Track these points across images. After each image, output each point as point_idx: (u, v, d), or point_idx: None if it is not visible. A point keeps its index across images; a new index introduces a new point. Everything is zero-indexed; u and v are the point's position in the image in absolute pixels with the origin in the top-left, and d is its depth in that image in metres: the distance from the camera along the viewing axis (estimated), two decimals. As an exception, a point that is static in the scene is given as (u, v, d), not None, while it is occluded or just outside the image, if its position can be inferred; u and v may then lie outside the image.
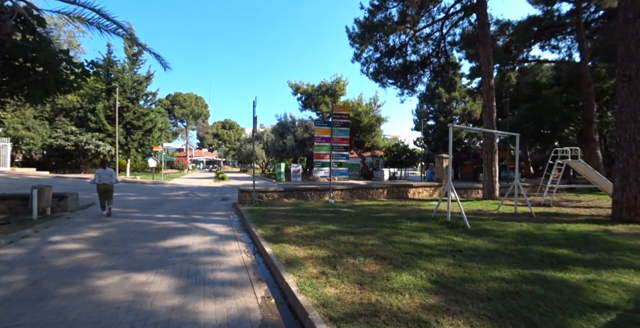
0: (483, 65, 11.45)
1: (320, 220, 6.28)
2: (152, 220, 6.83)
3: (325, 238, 4.78)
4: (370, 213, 7.35)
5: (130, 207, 8.96)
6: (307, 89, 25.79)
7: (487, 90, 11.34)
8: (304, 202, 9.28)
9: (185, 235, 5.52)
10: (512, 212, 7.91)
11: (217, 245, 4.86)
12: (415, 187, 12.01)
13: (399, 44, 15.06)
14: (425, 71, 17.26)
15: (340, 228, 5.54)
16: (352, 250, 4.14)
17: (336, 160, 9.65)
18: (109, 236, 5.37)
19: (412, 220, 6.45)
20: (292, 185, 10.26)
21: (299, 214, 7.03)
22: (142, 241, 5.04)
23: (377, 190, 11.13)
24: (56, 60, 6.94)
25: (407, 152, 30.51)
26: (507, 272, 3.37)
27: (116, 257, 4.17)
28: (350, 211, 7.75)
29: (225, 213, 8.08)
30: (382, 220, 6.40)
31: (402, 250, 4.14)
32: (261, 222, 6.13)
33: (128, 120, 23.00)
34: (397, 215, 7.13)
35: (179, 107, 58.70)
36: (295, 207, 8.16)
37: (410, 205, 9.08)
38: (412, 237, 4.88)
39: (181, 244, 4.88)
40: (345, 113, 9.69)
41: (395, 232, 5.25)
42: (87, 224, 6.35)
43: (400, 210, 8.12)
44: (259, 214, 7.08)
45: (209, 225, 6.39)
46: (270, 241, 4.71)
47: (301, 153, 25.08)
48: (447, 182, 12.97)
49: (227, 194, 13.23)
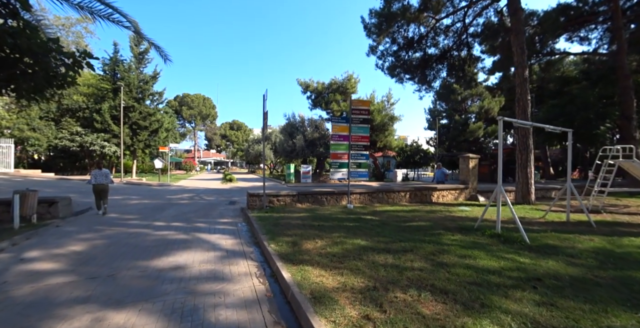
0: (516, 55, 10.33)
1: (344, 232, 5.32)
2: (150, 230, 5.98)
3: (357, 258, 3.82)
4: (398, 222, 6.36)
5: (129, 212, 8.16)
6: (317, 86, 24.88)
7: (520, 83, 10.21)
8: (320, 208, 8.34)
9: (184, 249, 4.63)
10: (563, 220, 6.81)
11: (221, 265, 3.95)
12: (439, 190, 10.94)
13: (418, 35, 14.02)
14: (444, 65, 16.15)
15: (371, 243, 4.57)
16: (396, 278, 3.17)
17: (355, 161, 8.68)
18: (96, 251, 4.51)
19: (453, 232, 5.43)
20: (305, 188, 9.33)
21: (317, 223, 6.08)
22: (132, 258, 4.16)
23: (399, 194, 10.10)
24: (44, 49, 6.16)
25: (420, 152, 29.29)
26: (628, 319, 2.36)
27: (95, 284, 3.29)
28: (375, 219, 6.76)
29: (232, 220, 7.19)
30: (417, 232, 5.41)
31: (462, 278, 3.15)
32: (274, 233, 5.21)
33: (134, 120, 22.44)
34: (432, 225, 6.12)
35: (187, 108, 58.55)
36: (311, 214, 7.22)
37: (439, 211, 8.05)
38: (465, 257, 3.88)
39: (178, 263, 3.98)
40: (365, 108, 8.72)
41: (440, 248, 4.26)
42: (76, 234, 5.52)
43: (432, 217, 7.09)
44: (271, 223, 6.16)
45: (213, 237, 5.49)
46: (288, 261, 3.77)
47: (311, 153, 24.15)
48: (473, 184, 11.93)
49: (234, 197, 12.39)
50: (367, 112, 8.73)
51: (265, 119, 7.51)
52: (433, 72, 16.45)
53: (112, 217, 7.43)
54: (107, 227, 6.22)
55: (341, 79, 24.54)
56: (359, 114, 8.67)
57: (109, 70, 22.71)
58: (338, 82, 24.46)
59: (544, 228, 5.84)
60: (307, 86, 25.20)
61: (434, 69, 16.38)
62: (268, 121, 7.79)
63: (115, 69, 22.41)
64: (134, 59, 23.30)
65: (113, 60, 22.75)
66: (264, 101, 7.50)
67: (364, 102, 8.79)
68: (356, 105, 8.67)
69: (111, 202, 10.11)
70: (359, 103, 8.73)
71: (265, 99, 7.49)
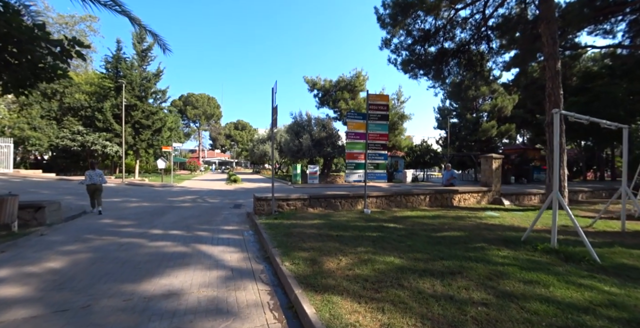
0: (546, 46, 9.45)
1: (370, 245, 4.52)
2: (145, 240, 5.25)
3: (396, 284, 3.02)
4: (427, 232, 5.55)
5: (126, 217, 7.45)
6: (325, 84, 24.10)
7: (552, 76, 9.32)
8: (334, 213, 7.55)
9: (182, 267, 3.88)
10: (616, 230, 5.95)
11: (225, 290, 3.18)
12: (460, 193, 10.09)
13: (434, 28, 13.15)
14: (460, 60, 15.24)
15: (407, 261, 3.77)
16: (458, 319, 2.37)
17: (372, 161, 7.88)
18: (76, 269, 3.78)
19: (497, 245, 4.61)
20: (317, 192, 8.56)
21: (336, 233, 5.29)
22: (117, 280, 3.42)
23: (418, 197, 9.28)
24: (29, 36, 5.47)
25: (430, 152, 28.34)
26: None
27: (63, 321, 2.54)
28: (399, 227, 5.96)
29: (238, 227, 6.44)
30: (454, 245, 4.60)
31: (547, 320, 2.35)
32: (287, 246, 4.44)
33: (137, 119, 21.87)
34: (467, 235, 5.30)
35: (192, 107, 58.22)
36: (326, 221, 6.43)
37: (467, 218, 7.21)
38: (532, 284, 3.06)
39: (173, 288, 3.23)
40: (383, 103, 7.91)
41: (494, 270, 3.45)
42: (59, 246, 4.81)
43: (462, 225, 6.27)
44: (282, 232, 5.39)
45: (216, 249, 4.74)
46: (309, 286, 3.00)
47: (318, 153, 23.37)
48: (497, 187, 11.04)
49: (239, 200, 11.66)
50: (386, 107, 7.93)
51: (274, 114, 6.74)
52: (448, 68, 15.56)
53: (105, 223, 6.73)
54: (97, 235, 5.50)
55: (349, 77, 23.74)
56: (377, 109, 7.88)
57: (112, 68, 22.17)
58: (346, 79, 23.65)
59: (603, 241, 5.00)
60: (314, 84, 24.43)
61: (449, 64, 15.49)
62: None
63: (117, 67, 21.86)
64: (136, 57, 22.74)
65: (115, 58, 22.21)
66: (272, 94, 6.74)
67: (382, 96, 7.98)
68: (373, 100, 7.87)
69: (109, 205, 9.46)
70: (377, 98, 7.93)
71: (274, 92, 6.72)
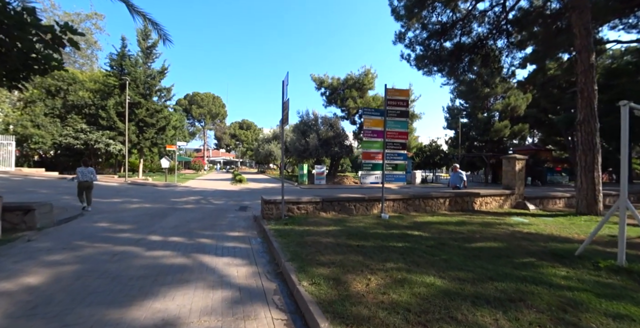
0: (579, 38, 8.71)
1: (399, 259, 3.88)
2: (141, 248, 4.67)
3: (447, 318, 2.38)
4: (458, 241, 4.90)
5: (124, 220, 6.90)
6: (332, 82, 23.46)
7: (584, 70, 8.57)
8: (349, 218, 6.92)
9: (180, 285, 3.28)
10: (674, 241, 5.23)
11: (232, 320, 2.57)
12: (482, 196, 9.40)
13: (451, 21, 12.46)
14: (477, 56, 14.50)
15: (450, 282, 3.13)
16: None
17: (390, 161, 7.24)
18: (58, 286, 3.21)
19: (548, 261, 3.94)
20: (328, 193, 7.95)
21: (356, 243, 4.66)
22: (103, 302, 2.83)
23: (437, 201, 8.61)
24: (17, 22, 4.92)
25: (440, 153, 27.56)
26: None
27: (22, 366, 1.95)
28: (425, 235, 5.31)
29: (245, 234, 5.84)
30: (497, 259, 3.94)
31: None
32: (302, 260, 3.82)
33: (141, 117, 21.44)
34: (506, 247, 4.63)
35: (197, 106, 58.01)
36: (341, 227, 5.80)
37: (496, 225, 6.53)
38: (623, 321, 2.40)
39: (168, 315, 2.63)
40: (403, 98, 7.26)
41: (562, 296, 2.79)
42: (45, 255, 4.25)
43: (495, 234, 5.59)
44: (294, 240, 4.77)
45: (220, 261, 4.14)
46: (337, 318, 2.38)
47: (325, 153, 22.75)
48: (520, 190, 10.30)
49: (245, 201, 11.09)
50: (406, 103, 7.28)
51: (285, 110, 6.12)
52: (464, 64, 14.83)
53: (101, 227, 6.19)
54: (90, 242, 4.95)
55: (358, 74, 23.06)
56: (396, 105, 7.23)
57: (116, 65, 21.79)
58: (354, 77, 22.98)
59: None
60: (322, 82, 23.81)
61: (464, 61, 14.75)
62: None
63: (122, 64, 21.46)
64: (141, 54, 22.33)
65: (120, 55, 21.83)
66: (283, 87, 6.12)
67: (402, 91, 7.33)
68: (392, 95, 7.22)
69: (108, 206, 8.95)
70: (396, 92, 7.27)
71: (285, 85, 6.10)
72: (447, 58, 14.00)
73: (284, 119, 6.23)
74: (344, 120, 24.84)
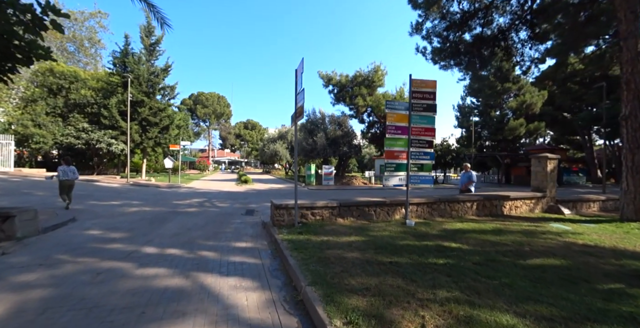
0: (624, 23, 7.80)
1: (450, 284, 3.06)
2: (132, 264, 3.94)
3: None
4: (508, 256, 4.07)
5: (119, 227, 6.19)
6: (341, 79, 22.65)
7: (631, 59, 7.67)
8: (369, 225, 6.12)
9: (173, 322, 2.52)
10: None
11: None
12: (511, 199, 8.54)
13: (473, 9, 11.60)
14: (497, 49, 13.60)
15: (533, 324, 2.32)
16: None
17: (416, 161, 6.43)
18: (16, 323, 2.47)
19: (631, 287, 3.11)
20: (346, 198, 7.14)
21: (388, 259, 3.87)
22: (67, 353, 2.09)
23: (464, 205, 7.78)
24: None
25: (452, 153, 26.60)
26: None
27: None
28: (465, 248, 4.49)
29: (253, 244, 5.08)
30: (572, 285, 3.12)
31: None
32: (328, 284, 3.03)
33: (144, 116, 20.86)
34: (571, 265, 3.80)
35: (202, 106, 57.65)
36: (365, 238, 5.01)
37: (540, 234, 5.68)
38: None
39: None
40: (429, 90, 6.44)
41: None
42: (16, 273, 3.54)
43: (547, 247, 4.75)
44: (313, 255, 3.99)
45: (226, 283, 3.38)
46: None
47: (333, 153, 21.96)
48: (552, 192, 9.41)
49: (252, 204, 10.36)
50: (433, 95, 6.45)
51: (299, 102, 5.34)
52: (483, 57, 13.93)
53: (91, 235, 5.48)
54: (72, 256, 4.23)
55: (367, 71, 22.23)
56: (422, 98, 6.42)
57: (119, 63, 21.23)
58: (363, 74, 22.15)
59: None
60: (329, 79, 23.01)
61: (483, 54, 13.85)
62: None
63: (125, 62, 20.90)
64: (144, 51, 21.74)
65: (123, 53, 21.28)
66: (297, 76, 5.34)
67: (428, 82, 6.50)
68: (418, 87, 6.41)
69: (104, 210, 8.28)
70: (422, 84, 6.45)
71: (299, 74, 5.32)
72: (466, 51, 13.14)
73: (298, 112, 5.45)
74: (352, 118, 24.04)
